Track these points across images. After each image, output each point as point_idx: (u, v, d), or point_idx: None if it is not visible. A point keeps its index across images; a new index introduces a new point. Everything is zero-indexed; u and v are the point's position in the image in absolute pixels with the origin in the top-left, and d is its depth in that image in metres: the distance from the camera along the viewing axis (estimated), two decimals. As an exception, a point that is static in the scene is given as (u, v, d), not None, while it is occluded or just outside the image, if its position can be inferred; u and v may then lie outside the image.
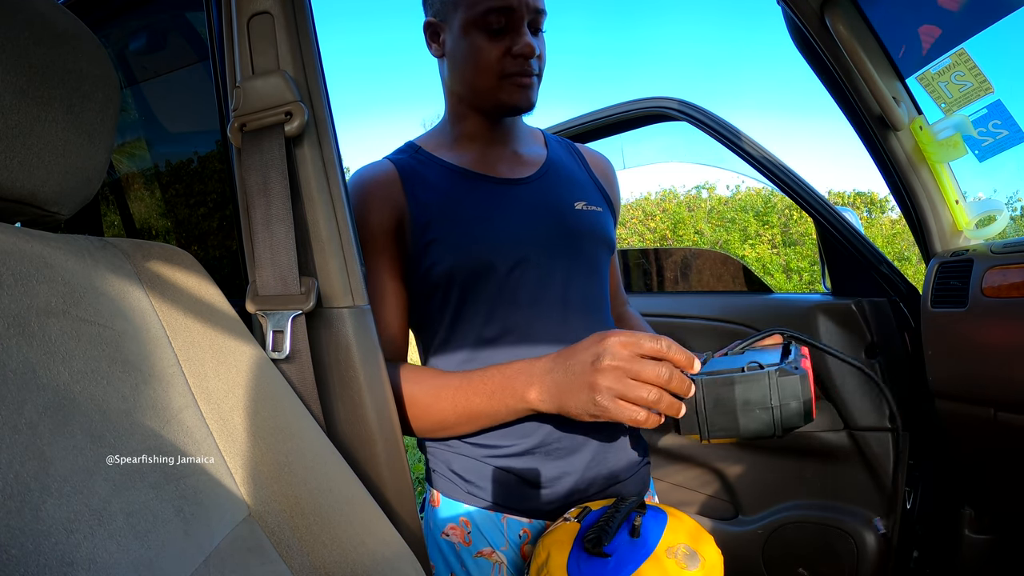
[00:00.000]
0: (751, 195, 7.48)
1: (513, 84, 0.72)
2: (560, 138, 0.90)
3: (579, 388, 0.57)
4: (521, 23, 0.70)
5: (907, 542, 1.22)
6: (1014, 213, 4.42)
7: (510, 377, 0.63)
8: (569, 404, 0.59)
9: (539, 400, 0.61)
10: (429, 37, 0.78)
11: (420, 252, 0.72)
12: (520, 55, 0.70)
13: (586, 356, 0.57)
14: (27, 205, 0.42)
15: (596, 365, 0.56)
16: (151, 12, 0.95)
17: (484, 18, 0.69)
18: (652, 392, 0.54)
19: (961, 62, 1.01)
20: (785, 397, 0.55)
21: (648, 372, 0.54)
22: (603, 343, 0.57)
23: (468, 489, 0.73)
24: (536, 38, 0.73)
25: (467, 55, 0.72)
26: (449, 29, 0.74)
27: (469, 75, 0.73)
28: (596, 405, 0.56)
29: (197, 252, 0.63)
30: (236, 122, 0.55)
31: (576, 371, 0.58)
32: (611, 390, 0.55)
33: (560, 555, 0.58)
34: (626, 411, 0.55)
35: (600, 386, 0.55)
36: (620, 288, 0.98)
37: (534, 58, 0.72)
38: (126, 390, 0.41)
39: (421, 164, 0.77)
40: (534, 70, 0.73)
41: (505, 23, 0.70)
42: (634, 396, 0.55)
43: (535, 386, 0.61)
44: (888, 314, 1.25)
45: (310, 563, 0.47)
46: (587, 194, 0.81)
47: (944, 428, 1.12)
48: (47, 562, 0.30)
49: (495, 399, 0.64)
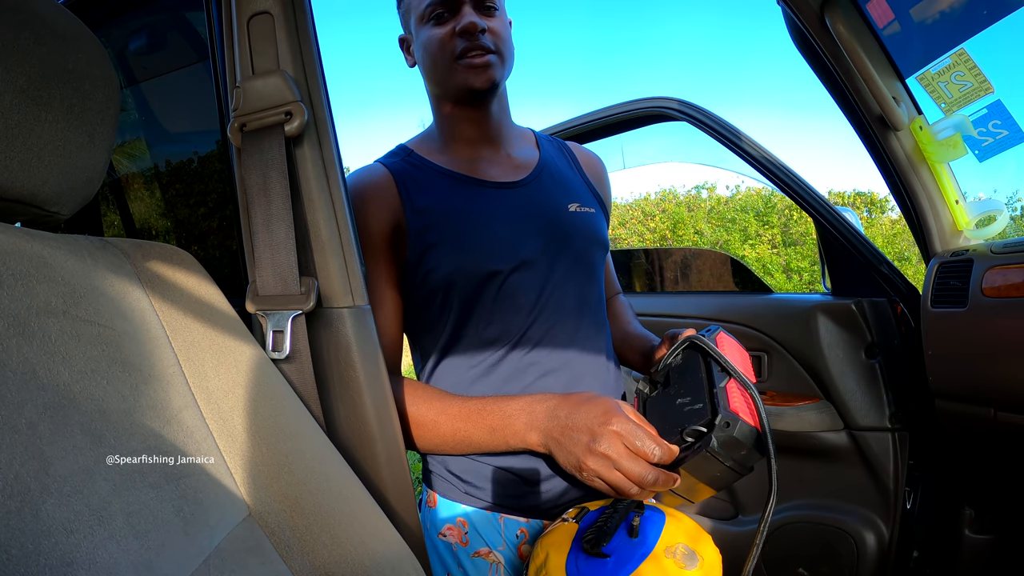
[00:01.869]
0: (751, 195, 7.47)
1: (466, 65, 0.73)
2: (551, 138, 0.90)
3: (571, 454, 0.60)
4: (462, 4, 0.73)
5: (907, 542, 1.22)
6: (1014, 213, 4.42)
7: (511, 416, 0.65)
8: (560, 459, 0.62)
9: (538, 444, 0.64)
10: (404, 51, 0.82)
11: (417, 257, 0.72)
12: (464, 31, 0.71)
13: (583, 434, 0.59)
14: (27, 205, 0.42)
15: (591, 447, 0.58)
16: (151, 12, 0.95)
17: (429, 11, 0.73)
18: (633, 488, 0.57)
19: (961, 62, 1.01)
20: (734, 454, 0.56)
21: (635, 472, 0.57)
22: (603, 428, 0.58)
23: (465, 489, 0.73)
24: (488, 17, 0.74)
25: (424, 49, 0.76)
26: (414, 36, 0.78)
27: (429, 68, 0.76)
28: (581, 475, 0.60)
29: (197, 252, 0.63)
30: (236, 122, 0.55)
31: (573, 438, 0.60)
32: (596, 473, 0.58)
33: (559, 555, 0.58)
34: (607, 490, 0.59)
35: (588, 467, 0.59)
36: (613, 277, 1.00)
37: (484, 34, 0.72)
38: (126, 390, 0.41)
39: (415, 168, 0.77)
40: (487, 46, 0.73)
41: (447, 7, 0.73)
42: (615, 483, 0.58)
43: (536, 431, 0.63)
44: (888, 314, 1.25)
45: (310, 563, 0.47)
46: (580, 196, 0.82)
47: (944, 428, 1.12)
48: (47, 562, 0.30)
49: (496, 435, 0.65)
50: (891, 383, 1.24)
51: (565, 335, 0.74)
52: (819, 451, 1.30)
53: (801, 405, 1.31)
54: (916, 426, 1.22)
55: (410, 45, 0.81)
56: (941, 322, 1.08)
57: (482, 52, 0.72)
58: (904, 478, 1.22)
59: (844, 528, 1.25)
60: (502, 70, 0.75)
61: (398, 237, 0.73)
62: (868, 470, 1.25)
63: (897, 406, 1.23)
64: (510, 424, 0.64)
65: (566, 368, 0.73)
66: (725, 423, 0.55)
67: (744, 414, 0.57)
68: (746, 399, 0.60)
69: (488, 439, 0.66)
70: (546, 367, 0.72)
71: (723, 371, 0.63)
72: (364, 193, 0.74)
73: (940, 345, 1.09)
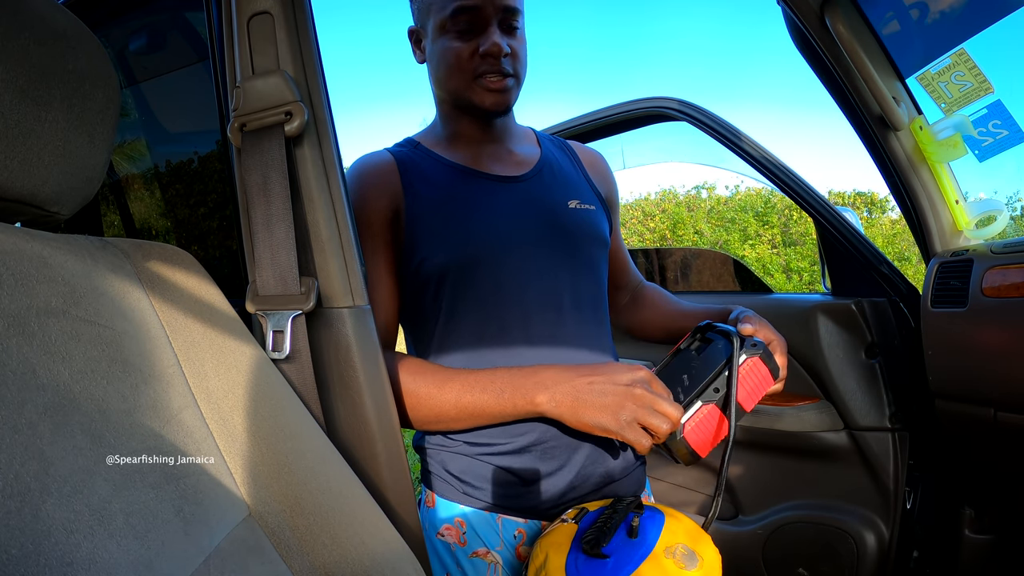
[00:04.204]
0: (751, 195, 7.47)
1: (483, 86, 0.73)
2: (552, 136, 0.91)
3: (605, 404, 0.62)
4: (489, 22, 0.71)
5: (907, 542, 1.22)
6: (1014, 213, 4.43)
7: (520, 377, 0.66)
8: (585, 415, 0.63)
9: (549, 405, 0.64)
10: (413, 44, 0.80)
11: (412, 244, 0.73)
12: (488, 54, 0.70)
13: (622, 378, 0.63)
14: (27, 205, 0.42)
15: (631, 389, 0.62)
16: (151, 12, 0.95)
17: (452, 19, 0.71)
18: (664, 425, 0.60)
19: (961, 62, 1.01)
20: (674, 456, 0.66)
21: (669, 410, 0.61)
22: (640, 373, 0.63)
23: (463, 489, 0.73)
24: (511, 37, 0.73)
25: (440, 58, 0.74)
26: (427, 34, 0.76)
27: (444, 77, 0.75)
28: (616, 421, 0.61)
29: (197, 252, 0.63)
30: (236, 122, 0.55)
31: (607, 390, 0.63)
32: (635, 413, 0.61)
33: (558, 556, 0.58)
34: (639, 436, 0.61)
35: (628, 407, 0.61)
36: (635, 270, 0.98)
37: (506, 57, 0.72)
38: (126, 390, 0.41)
39: (420, 158, 0.78)
40: (506, 70, 0.72)
41: (473, 23, 0.70)
42: (652, 424, 0.61)
43: (547, 391, 0.64)
44: (888, 314, 1.25)
45: (310, 563, 0.47)
46: (580, 193, 0.82)
47: (944, 428, 1.12)
48: (47, 562, 0.30)
49: (503, 397, 0.65)
50: (891, 383, 1.24)
51: (561, 331, 0.74)
52: (819, 451, 1.30)
53: (801, 405, 1.31)
54: (916, 426, 1.22)
55: (421, 39, 0.78)
56: (941, 322, 1.08)
57: (501, 76, 0.72)
58: (904, 478, 1.22)
59: (844, 528, 1.25)
60: (517, 92, 0.76)
61: (396, 223, 0.74)
62: (868, 470, 1.25)
63: (897, 406, 1.23)
64: (520, 385, 0.65)
65: (563, 364, 0.73)
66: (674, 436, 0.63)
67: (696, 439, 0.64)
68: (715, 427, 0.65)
69: (496, 402, 0.66)
70: (541, 362, 0.72)
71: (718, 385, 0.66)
72: (367, 177, 0.75)
73: (940, 345, 1.09)
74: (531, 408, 0.65)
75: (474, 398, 0.66)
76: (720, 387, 0.65)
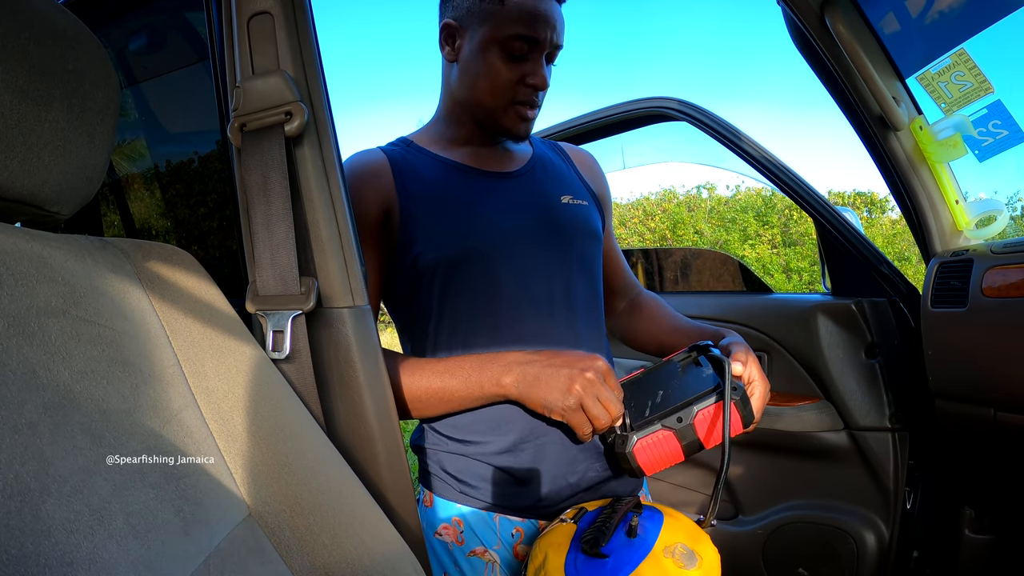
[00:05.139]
0: (751, 195, 7.47)
1: (517, 112, 0.75)
2: (543, 139, 0.92)
3: (555, 384, 0.64)
4: (541, 54, 0.73)
5: (907, 542, 1.22)
6: (1014, 213, 4.43)
7: (486, 361, 0.68)
8: (536, 394, 0.65)
9: (512, 385, 0.66)
10: (445, 38, 0.77)
11: (406, 242, 0.73)
12: (533, 86, 0.73)
13: (576, 362, 0.65)
14: (27, 205, 0.42)
15: (582, 373, 0.63)
16: (151, 12, 0.95)
17: (509, 42, 0.71)
18: (603, 417, 0.63)
19: (961, 62, 1.01)
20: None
21: (611, 402, 0.64)
22: (595, 362, 0.65)
23: (461, 489, 0.73)
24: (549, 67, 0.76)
25: (482, 71, 0.74)
26: (469, 38, 0.74)
27: (479, 91, 0.75)
28: (562, 403, 0.64)
29: (197, 252, 0.63)
30: (236, 122, 0.55)
31: (561, 371, 0.64)
32: (580, 398, 0.63)
33: (558, 556, 0.58)
34: (582, 421, 0.64)
35: (575, 390, 0.63)
36: (631, 276, 0.97)
37: (542, 91, 0.75)
38: (126, 390, 0.41)
39: (413, 156, 0.79)
40: (539, 102, 0.76)
41: (527, 52, 0.72)
42: (592, 412, 0.63)
43: (511, 373, 0.66)
44: (888, 314, 1.25)
45: (310, 563, 0.47)
46: (573, 188, 0.83)
47: (944, 428, 1.12)
48: (47, 562, 0.30)
49: (470, 381, 0.68)
50: (891, 383, 1.24)
51: (553, 328, 0.74)
52: (819, 451, 1.30)
53: (801, 405, 1.31)
54: (916, 426, 1.22)
55: (458, 39, 0.76)
56: (941, 322, 1.08)
57: (534, 107, 0.75)
58: (904, 478, 1.22)
59: (844, 528, 1.25)
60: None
61: (388, 221, 0.74)
62: (868, 470, 1.25)
63: (897, 406, 1.23)
64: (485, 368, 0.67)
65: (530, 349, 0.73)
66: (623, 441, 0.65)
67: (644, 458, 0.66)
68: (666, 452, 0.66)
69: (463, 386, 0.68)
70: None
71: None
72: (359, 174, 0.75)
73: (940, 345, 1.09)
74: (498, 390, 0.67)
75: (443, 383, 0.68)
76: (683, 418, 0.65)
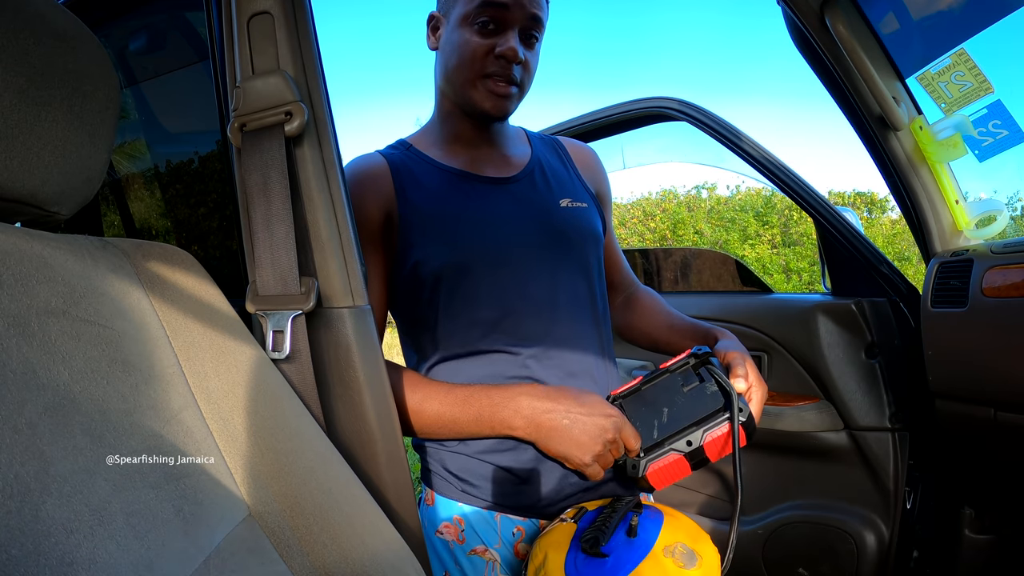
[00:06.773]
0: (751, 195, 7.47)
1: (489, 88, 0.73)
2: (543, 136, 0.91)
3: (577, 440, 0.65)
4: (512, 25, 0.71)
5: (907, 542, 1.22)
6: (1014, 213, 4.43)
7: (498, 405, 0.68)
8: (552, 446, 0.67)
9: (525, 432, 0.67)
10: (430, 29, 0.79)
11: (407, 249, 0.73)
12: (502, 56, 0.71)
13: (603, 422, 0.66)
14: (27, 205, 0.42)
15: (604, 435, 0.65)
16: (151, 12, 0.95)
17: (477, 11, 0.71)
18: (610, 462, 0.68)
19: (961, 62, 1.01)
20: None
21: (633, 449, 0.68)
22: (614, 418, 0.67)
23: (462, 488, 0.73)
24: (527, 48, 0.74)
25: (454, 48, 0.74)
26: (447, 22, 0.76)
27: (452, 68, 0.75)
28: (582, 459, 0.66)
29: (197, 252, 0.63)
30: (236, 122, 0.55)
31: (583, 429, 0.66)
32: (603, 458, 0.66)
33: (558, 556, 0.58)
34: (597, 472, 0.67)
35: (597, 450, 0.65)
36: (630, 272, 0.97)
37: (517, 65, 0.72)
38: (126, 390, 0.41)
39: (412, 161, 0.78)
40: (514, 77, 0.73)
41: (497, 21, 0.71)
42: (605, 463, 0.67)
43: (524, 420, 0.67)
44: (888, 314, 1.25)
45: (310, 563, 0.47)
46: (572, 191, 0.82)
47: (944, 428, 1.12)
48: (47, 562, 0.30)
49: (481, 423, 0.68)
50: (891, 383, 1.24)
51: (557, 331, 0.74)
52: (819, 451, 1.30)
53: (801, 405, 1.31)
54: (916, 426, 1.22)
55: (439, 26, 0.78)
56: (941, 322, 1.08)
57: (508, 83, 0.73)
58: (904, 478, 1.22)
59: (844, 528, 1.25)
60: (517, 103, 0.76)
61: (389, 226, 0.74)
62: (868, 470, 1.25)
63: (897, 406, 1.23)
64: (496, 413, 0.67)
65: (558, 364, 0.73)
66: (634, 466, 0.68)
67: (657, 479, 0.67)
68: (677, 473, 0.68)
69: (474, 425, 0.68)
70: (538, 362, 0.72)
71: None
72: (360, 180, 0.75)
73: (940, 345, 1.09)
74: (507, 433, 0.68)
75: (453, 415, 0.68)
76: (693, 441, 0.66)
